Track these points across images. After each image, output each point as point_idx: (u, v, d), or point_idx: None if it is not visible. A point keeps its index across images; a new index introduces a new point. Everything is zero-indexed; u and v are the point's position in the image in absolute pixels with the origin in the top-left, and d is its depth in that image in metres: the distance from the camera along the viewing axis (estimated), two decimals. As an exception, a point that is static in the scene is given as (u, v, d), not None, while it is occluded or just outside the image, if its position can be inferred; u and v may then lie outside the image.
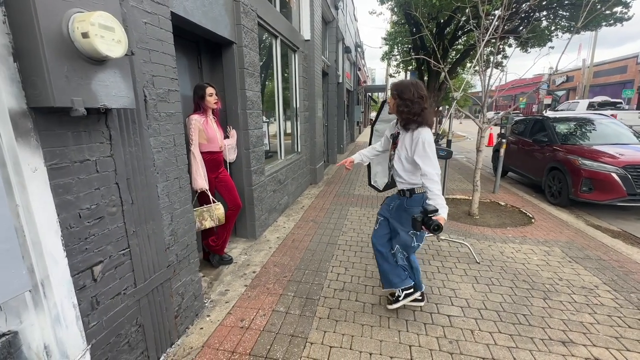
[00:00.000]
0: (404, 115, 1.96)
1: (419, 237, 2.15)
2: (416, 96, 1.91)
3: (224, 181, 2.95)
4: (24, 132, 1.12)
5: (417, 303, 2.36)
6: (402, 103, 1.95)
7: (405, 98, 1.93)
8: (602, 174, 4.54)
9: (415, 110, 1.92)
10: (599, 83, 21.37)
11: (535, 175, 5.91)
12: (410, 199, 2.09)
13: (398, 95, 1.96)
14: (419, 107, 1.92)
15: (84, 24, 1.13)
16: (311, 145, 6.23)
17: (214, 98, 2.70)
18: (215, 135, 2.73)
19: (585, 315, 2.30)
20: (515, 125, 7.25)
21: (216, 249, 2.98)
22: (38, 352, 1.21)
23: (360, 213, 4.59)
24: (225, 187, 2.95)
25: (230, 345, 2.00)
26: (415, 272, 2.29)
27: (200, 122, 2.63)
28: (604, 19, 7.99)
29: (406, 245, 2.19)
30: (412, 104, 1.91)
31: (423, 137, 1.91)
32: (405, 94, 1.93)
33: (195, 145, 2.60)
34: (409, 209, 2.09)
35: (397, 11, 10.51)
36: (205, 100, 2.66)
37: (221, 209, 2.74)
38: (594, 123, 5.86)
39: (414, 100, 1.91)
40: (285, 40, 4.66)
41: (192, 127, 2.57)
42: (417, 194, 2.06)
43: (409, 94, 1.91)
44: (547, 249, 3.38)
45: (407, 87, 1.94)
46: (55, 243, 1.24)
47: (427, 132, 1.94)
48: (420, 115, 1.92)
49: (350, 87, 13.59)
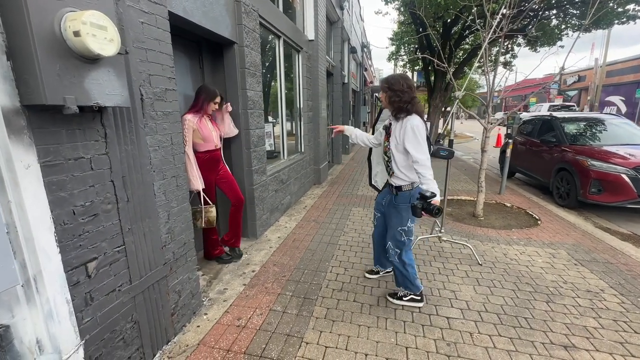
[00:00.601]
0: (395, 104, 2.10)
1: (407, 231, 2.23)
2: (405, 86, 2.06)
3: (224, 177, 2.98)
4: (17, 130, 1.14)
5: (415, 304, 2.36)
6: (393, 94, 2.09)
7: (395, 89, 2.07)
8: (612, 175, 4.43)
9: (406, 99, 2.06)
10: (612, 83, 20.86)
11: (543, 177, 5.80)
12: (397, 196, 2.21)
13: (389, 87, 2.11)
14: (409, 96, 2.06)
15: (75, 23, 1.14)
16: (315, 145, 6.23)
17: (215, 107, 2.78)
18: (210, 134, 2.74)
19: (590, 319, 2.24)
20: (523, 126, 7.13)
21: (232, 243, 3.15)
22: (30, 346, 1.23)
23: (363, 213, 4.56)
24: (226, 184, 2.98)
25: (226, 343, 2.01)
26: (409, 268, 2.30)
27: (194, 122, 2.63)
28: (616, 16, 7.81)
29: (397, 241, 2.26)
30: (402, 94, 2.06)
31: (412, 123, 2.02)
32: (395, 85, 2.08)
33: (189, 146, 2.60)
34: (397, 205, 2.22)
35: (402, 11, 10.45)
36: (209, 104, 2.72)
37: (213, 212, 2.77)
38: (604, 123, 5.72)
39: (404, 90, 2.06)
40: (288, 40, 4.67)
41: (185, 128, 2.57)
42: (404, 192, 2.18)
43: (399, 85, 2.07)
44: (552, 251, 3.31)
45: (396, 79, 2.11)
46: (49, 239, 1.25)
47: (415, 118, 2.05)
48: (411, 103, 2.06)
49: (356, 87, 13.55)
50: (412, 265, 2.32)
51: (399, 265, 2.31)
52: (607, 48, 19.41)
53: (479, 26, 4.40)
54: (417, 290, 2.36)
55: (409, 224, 2.22)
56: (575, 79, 25.06)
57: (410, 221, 2.21)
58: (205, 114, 2.74)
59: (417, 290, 2.36)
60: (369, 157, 2.77)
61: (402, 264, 2.30)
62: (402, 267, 2.30)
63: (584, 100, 23.26)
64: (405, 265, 2.29)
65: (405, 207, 2.18)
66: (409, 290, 2.37)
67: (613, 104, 20.82)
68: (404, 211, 2.19)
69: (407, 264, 2.30)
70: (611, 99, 20.98)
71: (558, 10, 8.75)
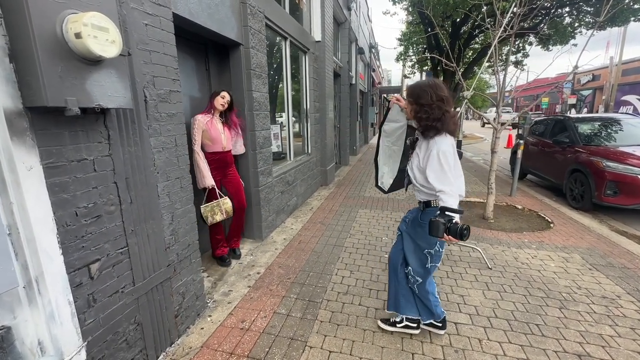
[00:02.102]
0: (422, 122, 1.74)
1: (434, 256, 1.87)
2: (435, 99, 1.68)
3: (232, 181, 3.02)
4: (19, 131, 1.15)
5: (437, 330, 2.09)
6: (419, 109, 1.73)
7: (422, 103, 1.70)
8: (628, 177, 4.28)
9: (436, 116, 1.68)
10: (628, 82, 20.27)
11: (556, 178, 5.65)
12: (423, 212, 1.85)
13: (415, 101, 1.75)
14: (439, 112, 1.68)
15: (76, 25, 1.14)
16: (322, 146, 6.20)
17: (223, 101, 2.77)
18: (218, 136, 2.75)
19: (605, 327, 2.15)
20: (535, 126, 6.97)
21: (230, 245, 3.21)
22: (32, 347, 1.23)
23: (370, 215, 4.51)
24: (232, 187, 3.03)
25: (229, 346, 1.99)
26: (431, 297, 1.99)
27: (204, 122, 2.68)
28: (632, 13, 7.59)
29: (421, 266, 1.93)
30: (431, 109, 1.68)
31: (439, 147, 1.67)
32: (422, 98, 1.71)
33: (197, 144, 2.67)
34: (423, 223, 1.84)
35: (411, 11, 10.37)
36: (214, 100, 2.75)
37: (229, 202, 2.88)
38: (620, 123, 5.54)
39: (433, 104, 1.68)
40: (295, 41, 4.67)
41: (195, 127, 2.65)
42: (433, 208, 1.80)
43: (427, 98, 1.69)
44: (565, 256, 3.21)
45: (424, 90, 1.71)
46: (51, 240, 1.25)
47: (444, 141, 1.70)
48: (440, 121, 1.68)
49: (364, 88, 13.49)
50: (434, 293, 2.02)
51: (419, 293, 2.00)
52: (622, 46, 18.89)
53: (489, 25, 4.31)
54: (438, 318, 2.04)
55: (438, 247, 1.86)
56: (590, 78, 24.44)
57: (439, 243, 1.85)
58: (216, 112, 2.79)
59: (438, 318, 2.05)
60: (375, 158, 2.72)
61: (424, 293, 1.99)
62: (424, 295, 2.00)
63: (599, 99, 22.65)
64: (427, 295, 1.99)
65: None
66: (402, 310, 2.08)
67: (629, 104, 20.23)
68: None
69: (429, 292, 1.99)
70: (627, 98, 20.40)
71: (571, 8, 8.56)
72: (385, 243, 3.54)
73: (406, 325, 2.09)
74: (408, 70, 16.12)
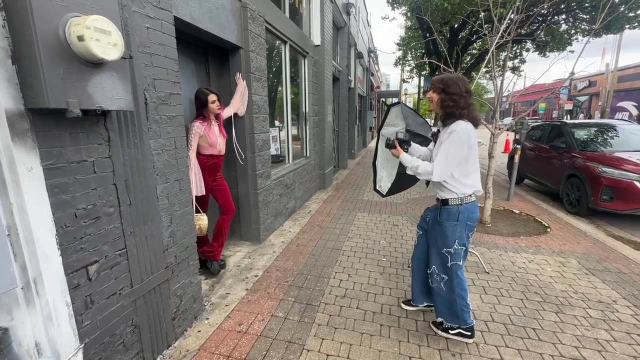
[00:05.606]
0: (448, 109, 1.83)
1: (454, 255, 1.89)
2: (464, 90, 1.79)
3: (220, 186, 2.96)
4: (20, 133, 1.15)
5: (464, 339, 2.04)
6: (447, 98, 1.81)
7: (451, 92, 1.80)
8: (624, 182, 4.31)
9: (463, 105, 1.79)
10: (624, 88, 20.50)
11: (553, 183, 5.69)
12: (442, 211, 1.89)
13: (443, 90, 1.83)
14: (466, 103, 1.79)
15: (79, 28, 1.15)
16: (320, 150, 6.22)
17: (217, 104, 2.71)
18: (216, 140, 2.76)
19: (601, 331, 2.16)
20: (532, 131, 7.03)
21: (212, 255, 2.91)
22: (29, 349, 1.23)
23: (368, 219, 4.52)
24: (221, 192, 2.96)
25: (227, 349, 1.99)
26: (458, 299, 1.95)
27: (202, 128, 2.64)
28: (627, 21, 7.69)
29: (443, 265, 1.95)
30: (460, 99, 1.79)
31: (454, 127, 1.76)
32: (451, 87, 1.80)
33: (192, 150, 2.60)
34: (442, 222, 1.89)
35: (409, 16, 10.47)
36: (208, 108, 2.68)
37: (205, 220, 2.68)
38: (616, 129, 5.60)
39: (462, 94, 1.78)
40: (294, 45, 4.70)
41: (192, 134, 2.58)
42: (451, 206, 1.85)
43: (456, 88, 1.79)
44: (562, 260, 3.22)
45: (453, 81, 1.81)
46: (50, 241, 1.25)
47: (463, 123, 1.77)
48: (468, 110, 1.80)
49: (362, 92, 13.56)
50: (464, 297, 1.95)
51: (445, 294, 1.99)
52: (618, 53, 19.11)
53: (487, 31, 4.37)
54: (465, 324, 1.99)
55: (457, 245, 1.87)
56: (586, 84, 24.70)
57: (458, 242, 1.87)
58: (212, 116, 2.75)
59: (465, 325, 1.99)
60: (374, 162, 2.74)
61: (449, 293, 1.97)
62: (450, 295, 1.97)
63: (595, 105, 22.88)
64: (453, 295, 1.95)
65: (452, 225, 1.86)
66: (454, 323, 2.03)
67: (625, 110, 20.45)
68: (450, 229, 1.87)
69: (456, 293, 1.94)
70: (623, 105, 20.62)
71: (567, 15, 8.66)
72: (383, 246, 3.55)
73: (459, 332, 2.03)
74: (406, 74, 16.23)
